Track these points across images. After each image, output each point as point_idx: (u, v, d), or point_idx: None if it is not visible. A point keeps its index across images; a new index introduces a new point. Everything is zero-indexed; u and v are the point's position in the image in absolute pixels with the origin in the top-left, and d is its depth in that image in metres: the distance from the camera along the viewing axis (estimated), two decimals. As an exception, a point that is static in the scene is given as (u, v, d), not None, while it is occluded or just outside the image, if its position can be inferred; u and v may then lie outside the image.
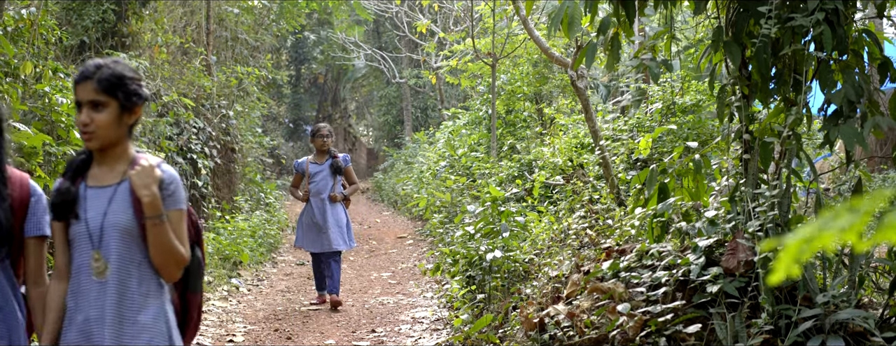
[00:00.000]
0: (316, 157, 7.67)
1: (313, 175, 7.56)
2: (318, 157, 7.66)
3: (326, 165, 7.54)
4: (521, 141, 11.45)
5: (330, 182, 7.52)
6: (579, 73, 5.94)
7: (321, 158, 7.63)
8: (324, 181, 7.53)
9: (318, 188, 7.55)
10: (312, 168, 7.58)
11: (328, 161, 7.55)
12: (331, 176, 7.50)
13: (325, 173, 7.53)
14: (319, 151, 7.64)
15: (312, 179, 7.57)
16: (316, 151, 7.69)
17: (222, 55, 14.71)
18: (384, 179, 21.91)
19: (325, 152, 7.61)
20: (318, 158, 7.65)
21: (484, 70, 13.56)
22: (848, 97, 3.44)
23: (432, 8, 18.27)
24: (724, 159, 4.17)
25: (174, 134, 10.56)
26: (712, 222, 3.97)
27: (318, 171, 7.56)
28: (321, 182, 7.54)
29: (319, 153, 7.66)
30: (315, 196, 7.54)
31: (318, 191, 7.55)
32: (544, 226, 6.11)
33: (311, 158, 7.69)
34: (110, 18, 10.21)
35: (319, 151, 7.64)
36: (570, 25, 3.93)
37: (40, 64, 6.55)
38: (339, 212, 7.55)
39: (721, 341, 3.53)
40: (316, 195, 7.54)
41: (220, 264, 9.71)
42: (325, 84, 33.42)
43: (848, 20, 3.54)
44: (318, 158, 7.65)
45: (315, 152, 7.70)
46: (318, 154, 7.68)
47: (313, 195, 7.54)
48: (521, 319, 4.48)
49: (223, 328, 7.11)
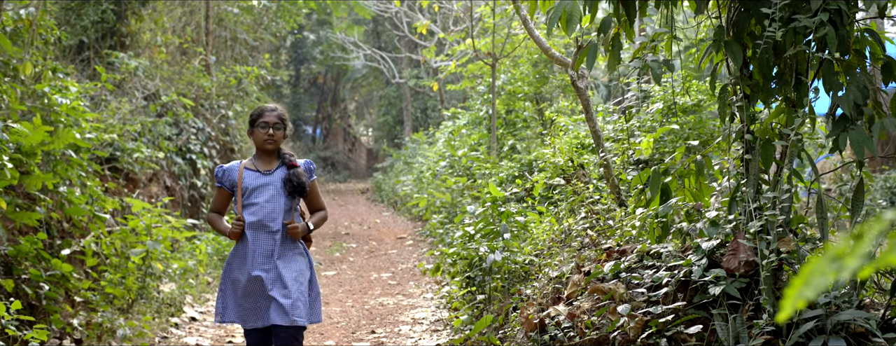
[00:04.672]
0: (257, 161, 4.22)
1: (252, 192, 4.14)
2: (262, 161, 4.22)
3: (275, 177, 4.17)
4: (521, 141, 11.44)
5: (281, 206, 4.13)
6: (580, 73, 5.93)
7: (266, 162, 4.21)
8: (271, 203, 4.11)
9: (263, 215, 4.09)
10: (250, 179, 4.16)
11: (278, 169, 4.19)
12: (283, 195, 4.15)
13: (272, 190, 4.14)
14: (262, 151, 4.21)
15: (251, 198, 4.13)
16: (257, 151, 4.25)
17: (221, 55, 14.70)
18: (384, 179, 21.90)
19: (271, 153, 4.22)
20: (262, 162, 4.21)
21: (484, 70, 13.55)
22: (855, 101, 3.43)
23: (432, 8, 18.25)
24: (725, 160, 4.16)
25: (173, 134, 10.54)
26: (713, 223, 3.96)
27: (261, 185, 4.15)
28: (266, 205, 4.11)
29: (263, 155, 4.22)
30: (256, 230, 4.09)
31: (261, 220, 4.09)
32: (545, 227, 6.10)
33: (249, 163, 4.22)
34: (109, 18, 10.20)
35: (262, 151, 4.21)
36: (568, 22, 3.91)
37: (39, 64, 6.53)
38: (297, 258, 4.15)
39: (722, 342, 3.51)
40: (258, 228, 4.09)
41: (219, 264, 9.68)
42: (325, 84, 33.41)
43: (850, 20, 3.53)
44: (260, 164, 4.21)
45: (256, 153, 4.26)
46: (261, 156, 4.22)
47: (252, 228, 4.10)
48: (522, 320, 4.47)
49: (222, 329, 7.09)
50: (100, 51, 10.08)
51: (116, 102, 8.98)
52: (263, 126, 4.16)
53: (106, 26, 10.19)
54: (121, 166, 8.43)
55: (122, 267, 6.37)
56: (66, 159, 5.87)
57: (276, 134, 4.16)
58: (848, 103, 3.45)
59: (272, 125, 4.15)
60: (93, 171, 6.80)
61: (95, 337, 5.77)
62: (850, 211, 3.61)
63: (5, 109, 5.77)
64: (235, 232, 4.09)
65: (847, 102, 3.45)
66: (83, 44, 10.04)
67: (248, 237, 4.09)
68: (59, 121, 5.93)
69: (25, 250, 5.29)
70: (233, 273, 4.14)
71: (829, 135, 3.56)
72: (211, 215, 4.32)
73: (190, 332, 6.89)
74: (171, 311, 7.17)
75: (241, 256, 4.12)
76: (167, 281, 7.60)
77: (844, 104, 3.46)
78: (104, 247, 6.32)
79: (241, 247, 4.12)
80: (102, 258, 6.34)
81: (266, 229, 4.10)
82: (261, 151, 4.21)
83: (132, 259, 6.47)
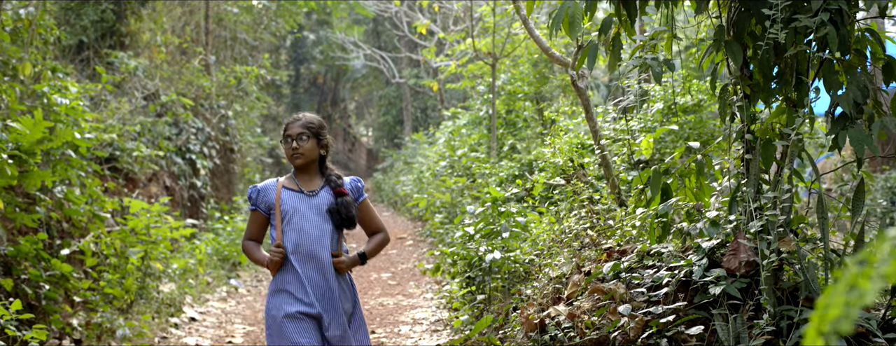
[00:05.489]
0: (297, 179, 3.63)
1: (293, 216, 3.55)
2: (302, 179, 3.64)
3: (321, 200, 3.58)
4: (521, 141, 11.43)
5: (329, 233, 3.55)
6: (580, 73, 5.92)
7: (308, 181, 3.63)
8: (316, 230, 3.53)
9: (307, 244, 3.51)
10: (291, 201, 3.57)
11: (323, 190, 3.61)
12: (327, 221, 3.55)
13: (318, 215, 3.55)
14: (300, 169, 3.63)
15: (292, 223, 3.55)
16: (295, 170, 3.65)
17: (221, 55, 14.69)
18: (384, 179, 21.90)
19: (308, 170, 3.64)
20: (302, 180, 3.63)
21: (484, 70, 13.54)
22: (855, 100, 3.42)
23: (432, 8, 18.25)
24: (725, 159, 4.15)
25: (173, 134, 10.54)
26: (714, 223, 3.96)
27: (304, 208, 3.56)
28: (310, 232, 3.52)
29: (300, 172, 3.64)
30: (302, 260, 3.51)
31: (305, 249, 3.52)
32: (545, 226, 6.09)
33: (288, 182, 3.63)
34: (109, 18, 10.19)
35: (300, 169, 3.63)
36: (571, 25, 3.91)
37: (39, 64, 6.53)
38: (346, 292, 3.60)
39: (723, 342, 3.51)
40: (304, 259, 3.51)
41: (219, 265, 9.68)
42: (325, 84, 33.41)
43: (851, 20, 3.52)
44: (301, 182, 3.62)
45: (294, 171, 3.66)
46: (299, 174, 3.64)
47: (297, 258, 3.51)
48: (522, 320, 4.46)
49: (222, 329, 7.09)
50: (99, 51, 10.07)
51: (116, 101, 8.97)
52: (287, 140, 3.57)
53: (105, 26, 10.19)
54: (120, 166, 8.42)
55: (121, 267, 6.36)
56: (65, 159, 5.86)
57: (303, 146, 3.54)
58: (848, 102, 3.44)
59: (296, 137, 3.55)
60: (92, 171, 6.79)
61: (95, 337, 5.76)
62: (851, 211, 3.61)
63: (5, 109, 5.76)
64: (275, 261, 3.50)
65: (847, 100, 3.44)
66: (83, 43, 10.03)
67: (296, 266, 3.48)
68: (59, 121, 5.93)
69: (25, 250, 5.28)
70: (284, 308, 3.45)
71: (829, 133, 3.55)
72: (246, 244, 3.70)
73: (189, 332, 6.89)
74: (170, 311, 7.16)
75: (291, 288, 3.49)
76: (167, 281, 7.60)
77: (844, 102, 3.45)
78: (104, 247, 6.31)
79: (290, 278, 3.50)
80: (102, 258, 6.34)
81: (312, 260, 3.51)
82: (296, 169, 3.62)
83: (131, 259, 6.46)
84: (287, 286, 3.50)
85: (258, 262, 3.63)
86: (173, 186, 10.36)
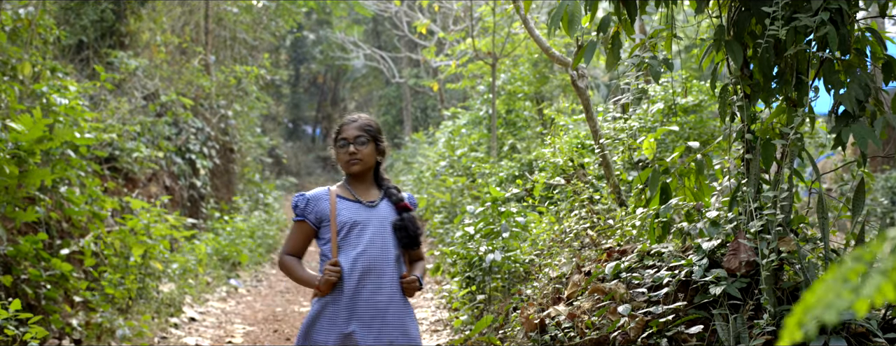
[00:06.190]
0: (352, 188, 3.23)
1: (352, 230, 3.13)
2: (357, 188, 3.23)
3: (382, 212, 3.19)
4: (521, 141, 11.43)
5: (392, 250, 3.15)
6: (580, 72, 5.91)
7: (364, 191, 3.23)
8: (377, 247, 3.12)
9: (368, 262, 3.09)
10: (348, 212, 3.15)
11: (383, 202, 3.22)
12: (391, 237, 3.16)
13: (379, 229, 3.15)
14: (351, 176, 3.24)
15: (350, 237, 3.12)
16: (347, 176, 3.26)
17: (221, 55, 14.69)
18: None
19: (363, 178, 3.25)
20: (358, 190, 3.23)
21: (484, 70, 13.54)
22: (857, 98, 3.42)
23: (432, 8, 18.25)
24: (725, 159, 4.15)
25: (173, 134, 10.53)
26: (714, 223, 3.95)
27: (364, 220, 3.15)
28: (371, 248, 3.10)
29: (354, 180, 3.24)
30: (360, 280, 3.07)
31: (366, 268, 3.09)
32: (545, 226, 6.08)
33: (341, 190, 3.23)
34: (109, 18, 10.18)
35: (351, 176, 3.24)
36: (570, 24, 3.90)
37: (38, 63, 6.52)
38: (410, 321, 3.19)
39: (723, 342, 3.51)
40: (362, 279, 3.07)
41: (219, 264, 9.68)
42: (325, 84, 33.40)
43: (851, 19, 3.52)
44: (357, 192, 3.22)
45: (349, 177, 3.25)
46: (354, 182, 3.24)
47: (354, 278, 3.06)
48: (522, 320, 4.46)
49: (222, 329, 7.08)
50: (99, 50, 10.07)
51: (116, 101, 8.97)
52: (342, 143, 3.17)
53: (105, 26, 10.18)
54: (120, 166, 8.41)
55: (121, 267, 6.36)
56: (65, 159, 5.86)
57: (361, 151, 3.14)
58: (850, 99, 3.44)
59: (353, 140, 3.15)
60: (92, 170, 6.79)
61: (94, 337, 5.76)
62: (852, 211, 3.60)
63: (4, 109, 5.76)
64: (331, 281, 3.00)
65: (849, 98, 3.44)
66: (82, 43, 10.03)
67: (346, 289, 3.01)
68: (58, 120, 5.92)
69: (25, 249, 5.28)
70: (319, 335, 3.01)
71: (831, 131, 3.55)
72: (286, 259, 3.16)
73: (189, 332, 6.88)
74: (170, 311, 7.16)
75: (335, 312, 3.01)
76: (166, 281, 7.59)
77: (847, 100, 3.45)
78: (103, 247, 6.31)
79: (338, 300, 3.02)
80: (102, 258, 6.33)
81: (373, 281, 3.04)
82: (350, 176, 3.20)
83: (131, 259, 6.45)
84: (329, 309, 3.02)
85: (303, 281, 3.11)
86: (173, 186, 10.35)
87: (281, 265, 3.21)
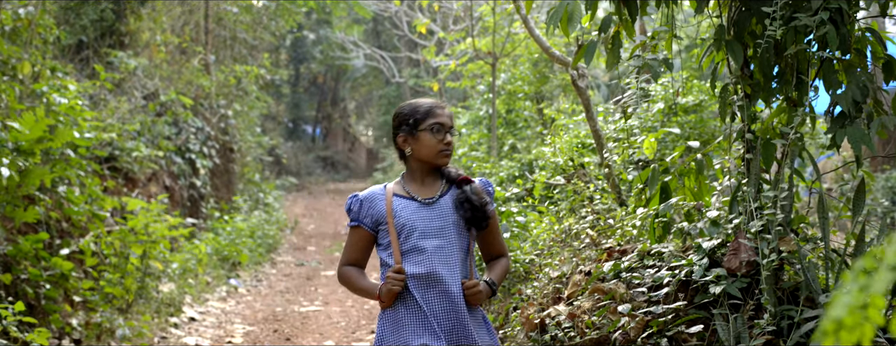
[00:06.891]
0: (411, 184, 2.84)
1: (413, 232, 2.75)
2: (417, 183, 2.84)
3: (444, 207, 2.79)
4: (521, 141, 11.42)
5: (457, 250, 2.78)
6: (580, 72, 5.91)
7: (424, 186, 2.84)
8: (443, 248, 2.74)
9: (432, 266, 2.72)
10: (407, 212, 2.77)
11: (446, 194, 2.82)
12: (456, 232, 2.78)
13: (443, 226, 2.77)
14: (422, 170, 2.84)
15: (412, 241, 2.75)
16: (411, 171, 2.86)
17: (221, 54, 14.68)
18: (384, 179, 21.89)
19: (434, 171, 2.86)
20: (417, 185, 2.84)
21: (484, 69, 13.54)
22: (854, 98, 3.42)
23: (432, 7, 18.24)
24: (726, 159, 4.15)
25: (172, 133, 10.53)
26: (714, 223, 3.95)
27: (425, 219, 2.77)
28: (436, 251, 2.73)
29: (420, 174, 2.84)
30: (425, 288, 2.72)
31: (431, 274, 2.72)
32: (545, 226, 6.08)
33: (398, 188, 2.84)
34: (109, 17, 10.18)
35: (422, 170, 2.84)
36: (568, 23, 3.90)
37: (38, 63, 6.52)
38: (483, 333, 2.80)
39: (723, 342, 3.50)
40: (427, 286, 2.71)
41: (219, 264, 9.67)
42: (325, 84, 33.40)
43: (851, 19, 3.52)
44: (415, 188, 2.83)
45: (409, 173, 2.87)
46: (418, 177, 2.85)
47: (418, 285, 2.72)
48: (522, 320, 4.46)
49: (222, 329, 7.08)
50: (99, 50, 10.06)
51: (115, 101, 8.97)
52: (436, 129, 2.74)
53: (105, 25, 10.18)
54: (120, 166, 8.41)
55: (121, 267, 6.36)
56: (64, 158, 5.86)
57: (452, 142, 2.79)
58: (847, 100, 3.44)
59: (448, 129, 2.77)
60: (92, 170, 6.78)
61: (94, 337, 5.76)
62: (852, 211, 3.60)
63: (4, 109, 5.76)
64: (394, 291, 2.67)
65: (846, 99, 3.44)
66: (82, 43, 10.02)
67: (417, 297, 2.67)
68: (58, 120, 5.92)
69: (25, 249, 5.28)
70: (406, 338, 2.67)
71: (827, 132, 3.55)
72: (346, 271, 2.84)
73: (189, 332, 6.88)
74: (170, 311, 7.15)
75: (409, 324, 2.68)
76: (166, 281, 7.59)
77: (843, 101, 3.45)
78: (103, 247, 6.31)
79: (409, 311, 2.70)
80: (101, 258, 6.33)
81: (439, 287, 2.68)
82: (417, 171, 2.80)
83: (132, 259, 6.45)
84: (406, 321, 2.68)
85: (364, 292, 2.80)
86: (173, 185, 10.35)
87: (339, 278, 2.88)
